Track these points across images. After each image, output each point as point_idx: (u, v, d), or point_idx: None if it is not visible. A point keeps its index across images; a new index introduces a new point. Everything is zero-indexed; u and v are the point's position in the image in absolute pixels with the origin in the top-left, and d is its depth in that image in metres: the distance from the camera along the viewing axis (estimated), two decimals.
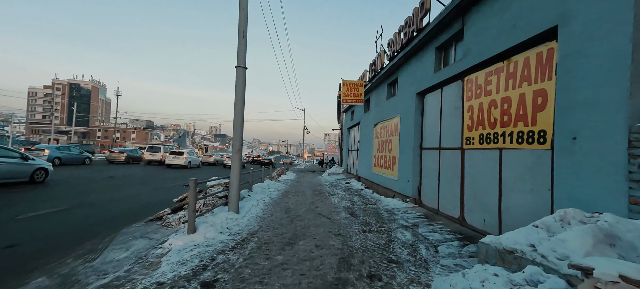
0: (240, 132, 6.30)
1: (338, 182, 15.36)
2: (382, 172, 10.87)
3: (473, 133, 5.33)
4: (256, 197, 8.38)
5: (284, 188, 11.96)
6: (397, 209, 7.40)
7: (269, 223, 5.79)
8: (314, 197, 9.57)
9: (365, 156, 14.03)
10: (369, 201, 8.91)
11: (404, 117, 8.86)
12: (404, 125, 8.83)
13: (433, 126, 7.13)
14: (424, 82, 7.43)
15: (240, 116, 6.28)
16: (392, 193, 9.41)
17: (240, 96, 6.28)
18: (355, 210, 7.40)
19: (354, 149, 18.43)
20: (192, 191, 4.72)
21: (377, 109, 12.18)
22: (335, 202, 8.72)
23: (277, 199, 8.80)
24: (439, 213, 6.62)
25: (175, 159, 24.38)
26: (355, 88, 12.92)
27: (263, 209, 7.17)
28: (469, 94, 5.53)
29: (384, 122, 11.03)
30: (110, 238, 5.00)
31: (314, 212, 7.04)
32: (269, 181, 12.60)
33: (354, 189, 12.51)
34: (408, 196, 8.10)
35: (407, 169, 8.27)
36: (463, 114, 5.71)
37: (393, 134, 9.89)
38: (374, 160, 12.28)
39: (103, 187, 10.41)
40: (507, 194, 4.44)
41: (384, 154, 10.85)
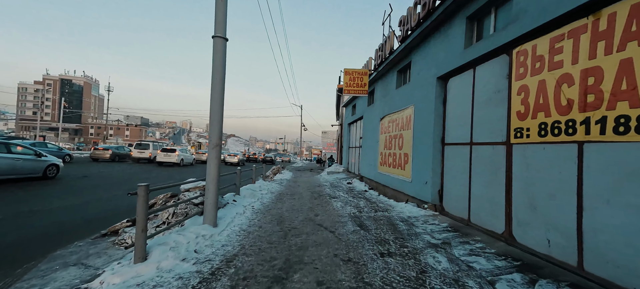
0: (219, 122, 4.89)
1: (339, 182, 13.99)
2: (391, 172, 9.51)
3: (528, 122, 3.97)
4: (244, 203, 6.98)
5: (278, 189, 10.57)
6: (415, 218, 6.05)
7: (254, 241, 4.40)
8: (312, 202, 8.20)
9: (369, 154, 12.67)
10: (379, 206, 7.54)
11: (419, 108, 7.49)
12: (419, 117, 7.46)
13: (461, 116, 5.78)
14: (448, 62, 6.06)
15: (218, 102, 4.86)
16: (405, 197, 8.05)
17: (219, 76, 4.87)
18: (363, 219, 6.04)
19: (355, 146, 17.07)
20: (142, 202, 3.31)
21: (383, 101, 10.81)
22: (337, 208, 7.35)
23: (269, 204, 7.41)
24: (471, 225, 5.27)
25: (166, 156, 22.93)
26: (358, 77, 11.53)
27: (250, 218, 5.77)
28: (520, 70, 4.16)
29: (392, 115, 9.66)
30: (31, 264, 3.59)
31: (312, 223, 5.66)
32: (262, 182, 11.21)
33: (357, 190, 11.15)
34: (426, 201, 6.75)
35: (424, 169, 6.92)
36: (510, 99, 4.35)
37: (404, 128, 8.52)
38: (380, 158, 10.92)
39: (67, 189, 8.95)
40: (593, 208, 3.09)
41: (392, 151, 9.49)
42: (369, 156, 12.67)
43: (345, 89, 11.58)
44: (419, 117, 7.50)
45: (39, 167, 10.20)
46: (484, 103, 5.01)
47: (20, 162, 9.57)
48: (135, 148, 24.54)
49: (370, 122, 12.72)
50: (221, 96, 4.88)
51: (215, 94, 4.84)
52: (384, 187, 10.23)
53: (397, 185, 8.78)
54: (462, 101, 5.76)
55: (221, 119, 4.91)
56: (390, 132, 9.88)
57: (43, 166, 10.32)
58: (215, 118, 4.85)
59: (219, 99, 4.86)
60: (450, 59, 6.00)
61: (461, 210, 5.63)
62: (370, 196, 9.79)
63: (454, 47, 5.89)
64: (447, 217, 6.01)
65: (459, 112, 5.84)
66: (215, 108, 4.84)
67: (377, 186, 11.15)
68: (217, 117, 4.86)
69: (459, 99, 5.90)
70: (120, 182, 11.30)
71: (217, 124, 4.87)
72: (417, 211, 6.61)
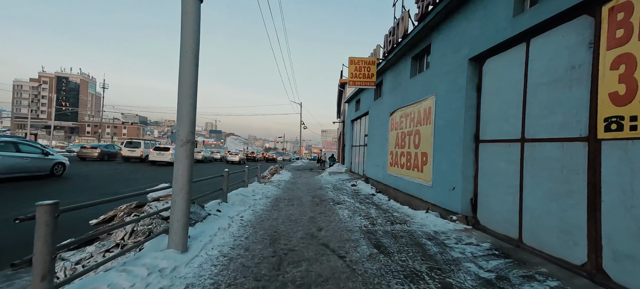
0: (189, 111, 3.62)
1: (342, 184, 12.74)
2: (404, 174, 8.26)
3: (633, 108, 2.72)
4: (231, 213, 5.72)
5: (274, 193, 9.31)
6: (444, 234, 4.79)
7: (235, 275, 3.14)
8: (314, 209, 6.94)
9: (376, 153, 11.41)
10: (394, 216, 6.29)
11: (442, 99, 6.24)
12: (442, 109, 6.21)
13: (505, 105, 4.52)
14: (486, 38, 4.80)
15: (189, 84, 3.59)
16: (423, 204, 6.80)
17: (191, 48, 3.60)
18: (379, 236, 4.78)
19: (359, 144, 15.81)
20: (43, 234, 2.03)
21: (394, 93, 9.54)
22: (344, 217, 6.10)
23: (263, 214, 6.15)
24: (524, 247, 4.02)
25: (159, 155, 21.71)
26: (365, 67, 10.26)
27: (235, 236, 4.51)
28: (617, 33, 2.90)
29: (406, 108, 8.39)
30: None
31: (315, 242, 4.40)
32: (257, 185, 9.94)
33: (363, 194, 9.90)
34: (454, 212, 5.50)
35: (451, 172, 5.67)
36: (596, 76, 3.09)
37: (422, 123, 7.26)
38: (389, 158, 9.67)
39: (21, 195, 7.68)
40: None
41: (406, 150, 8.23)
42: (376, 155, 11.41)
43: (350, 81, 10.30)
44: (442, 110, 6.23)
45: (46, 165, 10.42)
46: (547, 86, 3.74)
47: (28, 161, 9.75)
48: (125, 147, 23.25)
49: (378, 118, 11.45)
50: (193, 76, 3.61)
51: (186, 73, 3.57)
52: (394, 191, 8.98)
53: (413, 189, 7.52)
54: (506, 85, 4.50)
55: (193, 107, 3.64)
56: (402, 129, 8.61)
57: (50, 164, 10.54)
58: (185, 106, 3.58)
59: (190, 79, 3.59)
60: (489, 33, 4.73)
61: (506, 226, 4.37)
62: (379, 202, 8.54)
63: (495, 18, 4.62)
64: (485, 233, 4.75)
65: (503, 100, 4.57)
66: (185, 92, 3.57)
67: (386, 189, 9.90)
68: (188, 104, 3.59)
69: (501, 84, 4.63)
70: (97, 185, 10.03)
71: (187, 114, 3.60)
72: (443, 223, 5.35)
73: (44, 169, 10.40)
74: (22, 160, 9.60)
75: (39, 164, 10.19)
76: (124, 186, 10.06)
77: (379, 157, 11.02)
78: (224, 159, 38.45)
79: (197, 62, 3.67)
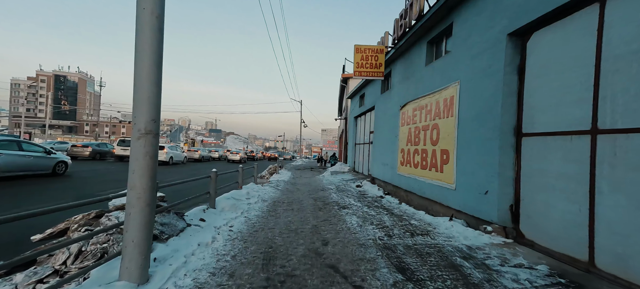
0: (151, 88, 2.65)
1: (346, 185, 11.78)
2: (419, 174, 7.29)
3: None
4: (217, 222, 4.75)
5: (272, 196, 8.35)
6: (482, 251, 3.83)
7: None
8: (317, 215, 5.98)
9: (384, 151, 10.44)
10: (412, 225, 5.31)
11: (468, 86, 5.27)
12: (468, 98, 5.25)
13: (564, 88, 3.55)
14: (535, 4, 3.82)
15: (150, 52, 2.62)
16: (445, 210, 5.84)
17: (151, 3, 2.62)
18: (400, 252, 3.82)
19: (363, 142, 14.84)
20: None
21: (406, 84, 8.56)
22: (353, 226, 5.14)
23: (256, 223, 5.19)
24: (597, 272, 3.05)
25: None
26: (372, 56, 9.28)
27: (219, 255, 3.55)
28: None
29: (420, 100, 7.42)
30: None
31: (321, 263, 3.45)
32: (253, 186, 8.98)
33: (370, 196, 8.94)
34: (488, 221, 4.53)
35: (482, 172, 4.71)
36: None
37: (441, 116, 6.30)
38: (400, 156, 8.70)
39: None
40: None
41: (421, 147, 7.27)
42: (384, 153, 10.44)
43: (356, 71, 9.32)
44: (468, 99, 5.26)
45: (48, 164, 10.43)
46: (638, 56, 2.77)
47: (31, 159, 9.76)
48: (118, 145, 22.27)
49: (385, 112, 10.48)
50: (155, 43, 2.64)
51: (144, 39, 2.60)
52: (406, 193, 8.01)
53: (430, 192, 6.55)
54: (567, 62, 3.53)
55: (156, 86, 2.67)
56: (416, 123, 7.64)
57: (52, 163, 10.55)
58: (144, 84, 2.61)
59: (150, 47, 2.62)
60: None
61: (568, 243, 3.40)
62: (390, 205, 7.59)
63: None
64: (533, 250, 3.79)
65: (560, 82, 3.60)
66: (143, 65, 2.60)
67: (395, 191, 8.93)
68: (147, 81, 2.61)
69: (558, 61, 3.66)
70: (74, 186, 9.07)
71: (147, 94, 2.62)
72: (475, 235, 4.38)
73: (46, 167, 10.39)
74: (24, 158, 9.60)
75: (41, 162, 10.19)
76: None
77: (386, 156, 10.05)
78: (222, 158, 37.61)
79: (162, 25, 2.70)
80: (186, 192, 8.02)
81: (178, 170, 17.40)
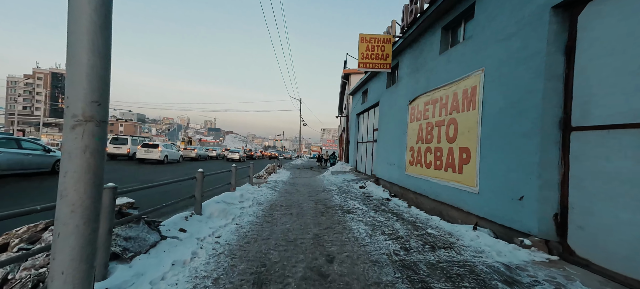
0: (96, 63, 1.89)
1: (348, 186, 11.05)
2: (432, 175, 6.56)
3: None
4: (201, 233, 4.00)
5: (269, 198, 7.62)
6: (524, 271, 3.09)
7: None
8: (318, 223, 5.23)
9: (390, 150, 9.71)
10: (430, 235, 4.57)
11: (496, 73, 4.54)
12: (497, 87, 4.52)
13: (636, 69, 2.80)
14: None
15: (90, 8, 1.86)
16: (464, 216, 5.11)
17: None
18: (423, 273, 3.08)
19: (366, 140, 14.11)
20: None
21: (416, 76, 7.82)
22: (361, 236, 4.41)
23: (249, 232, 4.44)
24: None
25: (147, 152, 20.02)
26: (378, 46, 8.52)
27: (197, 277, 2.80)
28: None
29: (433, 92, 6.68)
30: None
31: (325, 288, 2.72)
32: (248, 187, 8.23)
33: (376, 199, 8.21)
34: (525, 232, 3.79)
35: (515, 174, 3.98)
36: None
37: (460, 109, 5.56)
38: (409, 155, 7.96)
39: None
40: None
41: (435, 145, 6.53)
42: (389, 152, 9.70)
43: (361, 63, 8.57)
44: (496, 88, 4.52)
45: (48, 162, 10.38)
46: None
47: (30, 158, 9.72)
48: (111, 143, 21.48)
49: (391, 108, 9.73)
50: None
51: None
52: (416, 196, 7.28)
53: (446, 195, 5.82)
54: (637, 37, 2.78)
55: (102, 54, 1.91)
56: (428, 119, 6.90)
57: (51, 161, 10.47)
58: (83, 50, 1.85)
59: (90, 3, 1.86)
60: None
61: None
62: (399, 210, 6.87)
63: None
64: (589, 271, 3.05)
65: (627, 62, 2.86)
66: (79, 19, 1.84)
67: (403, 193, 8.20)
68: (89, 47, 1.86)
69: (623, 37, 2.92)
70: (37, 187, 8.30)
71: (86, 63, 1.86)
72: (510, 250, 3.64)
73: (46, 165, 10.31)
74: (23, 156, 9.54)
75: (40, 160, 10.13)
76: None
77: (393, 155, 9.31)
78: (220, 156, 36.87)
79: None
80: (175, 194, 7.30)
81: (172, 169, 16.64)
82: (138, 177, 11.69)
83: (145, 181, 10.84)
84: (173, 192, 7.66)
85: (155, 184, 4.10)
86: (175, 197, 4.76)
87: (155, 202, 6.05)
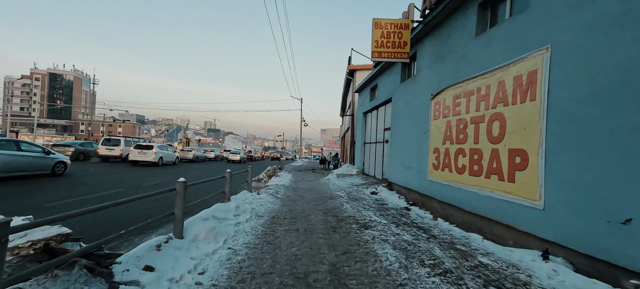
0: None
1: (358, 191, 9.94)
2: (466, 182, 5.44)
3: None
4: (175, 271, 2.88)
5: (270, 208, 6.51)
6: None
7: None
8: (332, 244, 4.11)
9: (407, 152, 8.59)
10: (490, 269, 3.44)
11: (572, 52, 3.44)
12: (575, 69, 3.42)
13: None
14: None
15: None
16: (521, 237, 3.99)
17: None
18: None
19: (375, 141, 12.99)
20: None
21: (440, 66, 6.72)
22: (394, 268, 3.30)
23: (244, 261, 3.32)
24: None
25: (141, 154, 18.86)
26: (395, 33, 7.41)
27: None
28: None
29: (467, 83, 5.57)
30: None
31: None
32: (246, 195, 7.10)
33: (392, 208, 7.10)
34: None
35: (615, 186, 2.88)
36: None
37: (510, 101, 4.45)
38: (432, 158, 6.85)
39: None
40: None
41: (470, 146, 5.42)
42: (405, 154, 8.59)
43: (375, 52, 7.47)
44: (575, 70, 3.41)
45: (47, 164, 10.31)
46: None
47: (29, 160, 9.67)
48: (102, 144, 20.35)
49: (408, 104, 8.62)
50: None
51: None
52: (441, 206, 6.18)
53: (489, 208, 4.70)
54: None
55: None
56: (460, 114, 5.78)
57: (51, 163, 10.44)
58: None
59: None
60: None
61: None
62: (423, 222, 5.79)
63: None
64: None
65: None
66: None
67: (425, 201, 7.09)
68: None
69: None
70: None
71: None
72: None
73: (45, 167, 10.25)
74: (23, 159, 9.48)
75: (40, 162, 10.04)
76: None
77: (410, 157, 8.20)
78: (219, 158, 35.71)
79: None
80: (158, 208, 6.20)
81: (167, 172, 15.51)
82: (126, 182, 10.59)
83: (132, 186, 9.75)
84: (154, 209, 6.55)
85: (102, 206, 2.76)
86: (157, 212, 3.66)
87: (125, 223, 4.91)
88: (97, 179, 10.98)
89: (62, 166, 11.10)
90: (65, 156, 11.74)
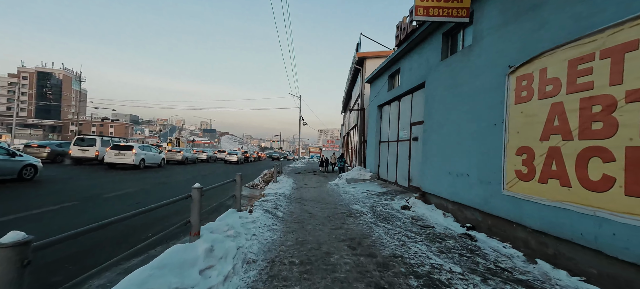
0: None
1: (381, 204, 7.61)
2: (608, 207, 3.10)
3: None
4: None
5: (267, 240, 4.11)
6: None
7: None
8: None
9: (456, 152, 6.26)
10: None
11: None
12: None
13: None
14: None
15: None
16: None
17: None
18: None
19: (395, 139, 10.65)
20: None
21: (524, 24, 4.42)
22: None
23: None
24: None
25: (119, 156, 16.38)
26: None
27: None
28: None
29: (606, 35, 3.24)
30: None
31: None
32: (232, 218, 4.69)
33: (442, 233, 4.77)
34: None
35: None
36: None
37: None
38: (514, 162, 4.52)
39: None
40: None
41: (616, 143, 3.08)
42: (453, 155, 6.26)
43: (420, 7, 5.13)
44: None
45: (13, 168, 9.17)
46: None
47: None
48: (74, 144, 17.77)
49: (457, 88, 6.28)
50: None
51: None
52: (538, 238, 3.85)
53: None
54: None
55: None
56: (590, 89, 3.45)
57: (18, 166, 9.31)
58: None
59: None
60: None
61: None
62: (514, 266, 3.52)
63: None
64: None
65: None
66: None
67: (493, 224, 4.76)
68: None
69: None
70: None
71: None
72: None
73: (11, 171, 9.11)
74: None
75: (3, 165, 8.87)
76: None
77: (462, 160, 5.88)
78: (212, 159, 33.13)
79: None
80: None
81: (148, 176, 13.05)
82: (84, 191, 8.19)
83: (91, 197, 7.36)
84: None
85: None
86: None
87: None
88: (55, 187, 8.61)
89: (31, 170, 9.68)
90: (36, 158, 10.19)
